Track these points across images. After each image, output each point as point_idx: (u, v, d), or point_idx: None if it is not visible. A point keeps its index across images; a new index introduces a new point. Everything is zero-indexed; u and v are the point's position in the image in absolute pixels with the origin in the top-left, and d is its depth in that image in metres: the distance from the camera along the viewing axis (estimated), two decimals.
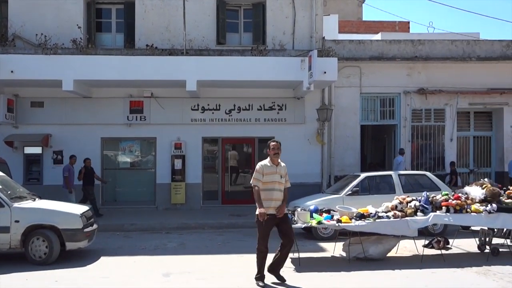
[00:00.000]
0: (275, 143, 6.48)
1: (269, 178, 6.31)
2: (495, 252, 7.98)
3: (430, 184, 10.40)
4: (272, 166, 6.42)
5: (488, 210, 7.75)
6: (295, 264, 7.56)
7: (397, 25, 25.64)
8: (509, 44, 14.56)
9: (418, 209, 7.81)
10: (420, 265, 7.44)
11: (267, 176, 6.31)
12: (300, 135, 13.85)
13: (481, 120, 14.97)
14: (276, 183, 6.34)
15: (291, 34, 13.99)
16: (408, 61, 14.13)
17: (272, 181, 6.31)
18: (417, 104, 14.19)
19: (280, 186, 6.38)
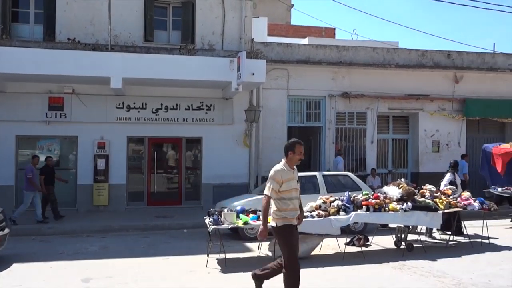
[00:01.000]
0: (303, 145, 5.48)
1: (288, 186, 5.27)
2: (409, 248, 8.47)
3: (352, 184, 10.83)
4: (289, 171, 5.35)
5: (404, 208, 8.22)
6: (221, 265, 7.53)
7: (324, 30, 26.53)
8: (424, 53, 15.56)
9: (341, 209, 8.10)
10: (342, 262, 7.70)
11: (286, 183, 5.26)
12: (228, 135, 13.86)
13: (399, 124, 15.87)
14: (294, 190, 5.35)
15: (221, 35, 13.97)
16: (333, 65, 14.64)
17: (290, 188, 5.30)
18: (341, 107, 14.74)
19: (297, 192, 5.44)
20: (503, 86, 15.97)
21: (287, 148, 5.42)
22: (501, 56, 16.48)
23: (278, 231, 5.28)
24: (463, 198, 9.03)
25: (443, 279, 6.65)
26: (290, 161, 5.38)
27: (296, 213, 5.35)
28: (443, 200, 8.77)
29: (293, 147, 5.36)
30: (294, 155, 5.35)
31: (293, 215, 5.32)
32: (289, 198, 5.29)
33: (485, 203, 9.13)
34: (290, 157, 5.36)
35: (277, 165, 5.41)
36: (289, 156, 5.37)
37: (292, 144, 5.41)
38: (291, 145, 5.40)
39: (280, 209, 5.26)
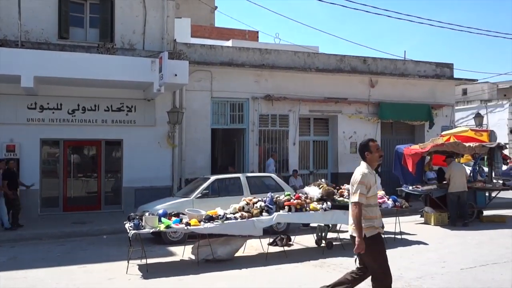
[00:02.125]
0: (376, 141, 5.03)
1: (373, 191, 4.79)
2: (329, 246, 8.77)
3: (275, 185, 11.01)
4: (372, 174, 4.83)
5: (324, 208, 8.50)
6: (142, 271, 7.30)
7: (247, 33, 26.81)
8: (342, 58, 16.26)
9: (264, 209, 8.19)
10: (265, 262, 7.79)
11: (372, 188, 4.76)
12: (151, 137, 13.50)
13: (319, 126, 16.41)
14: (375, 195, 4.93)
15: (142, 34, 13.59)
16: (256, 68, 14.82)
17: (375, 194, 4.87)
18: (264, 109, 14.95)
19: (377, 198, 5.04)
20: (413, 91, 17.11)
21: (361, 149, 4.92)
22: (411, 63, 17.65)
23: (368, 242, 4.69)
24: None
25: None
26: (371, 162, 4.89)
27: (378, 221, 4.85)
28: None
29: (368, 147, 4.87)
30: (372, 154, 4.87)
31: (380, 224, 4.87)
32: (375, 205, 4.86)
33: (397, 201, 9.69)
34: (369, 157, 4.87)
35: (361, 168, 4.85)
36: (368, 157, 4.87)
37: (365, 144, 4.92)
38: (365, 145, 4.91)
39: (368, 217, 4.72)
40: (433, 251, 8.61)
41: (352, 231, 4.84)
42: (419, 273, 6.95)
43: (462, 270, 7.12)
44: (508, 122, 28.13)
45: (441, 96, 17.76)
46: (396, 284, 6.41)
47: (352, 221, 4.78)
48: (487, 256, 8.04)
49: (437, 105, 17.52)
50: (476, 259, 7.83)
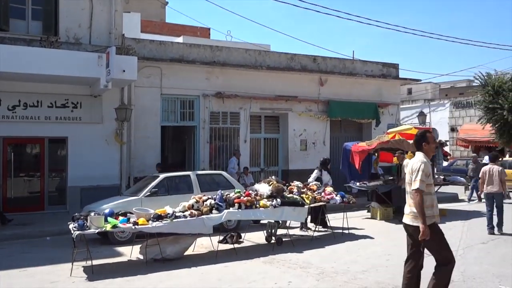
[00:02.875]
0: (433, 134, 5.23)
1: (431, 180, 4.96)
2: (279, 242, 8.86)
3: (226, 182, 10.98)
4: (429, 163, 5.01)
5: (274, 204, 8.57)
6: (87, 273, 7.07)
7: (199, 30, 26.60)
8: (292, 57, 16.45)
9: (213, 207, 8.15)
10: (215, 260, 7.76)
11: (430, 177, 4.93)
12: (97, 135, 13.08)
13: (270, 124, 16.53)
14: (432, 184, 5.09)
15: (88, 28, 13.13)
16: (207, 65, 14.71)
17: (431, 182, 5.00)
18: (215, 107, 14.87)
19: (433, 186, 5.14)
20: (361, 90, 17.58)
21: (419, 140, 5.08)
22: (359, 63, 18.13)
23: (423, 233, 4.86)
24: (326, 192, 9.72)
25: (308, 269, 7.07)
26: (428, 152, 5.04)
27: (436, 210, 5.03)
28: (309, 196, 9.34)
29: (425, 138, 5.03)
30: (429, 145, 5.04)
31: (437, 212, 5.02)
32: (433, 193, 5.01)
33: (345, 197, 9.94)
34: (426, 148, 5.03)
35: (419, 157, 4.98)
36: (425, 148, 5.02)
37: (423, 135, 5.08)
38: (422, 136, 5.07)
39: (428, 206, 4.87)
40: (378, 244, 8.90)
41: (410, 220, 4.98)
42: (365, 267, 7.16)
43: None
44: (449, 120, 29.55)
45: (387, 95, 18.37)
46: (342, 277, 6.60)
47: (410, 209, 4.96)
48: None
49: (384, 104, 18.10)
50: None
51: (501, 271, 6.73)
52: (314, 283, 6.41)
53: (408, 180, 5.00)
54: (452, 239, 9.17)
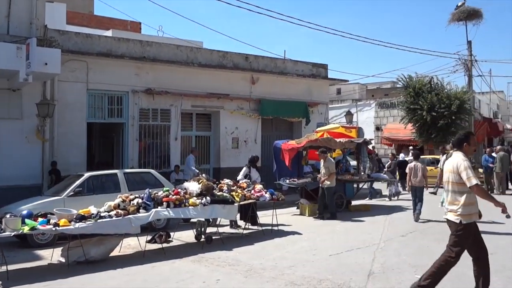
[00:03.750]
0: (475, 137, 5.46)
1: None
2: (209, 240, 8.82)
3: (155, 181, 10.75)
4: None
5: (203, 202, 8.52)
6: (2, 279, 6.61)
7: (129, 24, 25.78)
8: (224, 54, 16.43)
9: (141, 206, 7.95)
10: (142, 260, 7.57)
11: None
12: (16, 131, 12.26)
13: (202, 121, 16.40)
14: None
15: (6, 17, 12.24)
16: (137, 61, 14.30)
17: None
18: (144, 103, 14.49)
19: None
20: (292, 89, 17.94)
21: (461, 140, 5.30)
22: (290, 63, 18.48)
23: (463, 228, 5.09)
24: (256, 190, 9.81)
25: (237, 267, 7.10)
26: (467, 152, 5.25)
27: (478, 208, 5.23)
28: (239, 193, 9.38)
29: (468, 139, 5.28)
30: (470, 147, 5.27)
31: (477, 210, 5.23)
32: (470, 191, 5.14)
33: (274, 194, 10.08)
34: (466, 149, 5.25)
35: (460, 156, 5.18)
36: (465, 148, 5.25)
37: (467, 136, 5.33)
38: (466, 137, 5.31)
39: (469, 203, 5.09)
40: (306, 240, 9.13)
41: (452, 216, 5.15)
42: (292, 262, 7.31)
43: (330, 256, 7.65)
44: (374, 120, 30.95)
45: (317, 94, 18.90)
46: (270, 273, 6.69)
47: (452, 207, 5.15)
48: (352, 242, 8.74)
49: (313, 103, 18.60)
50: (343, 245, 8.47)
51: (417, 261, 7.14)
52: (242, 280, 6.44)
53: (453, 179, 5.18)
54: (375, 232, 9.70)
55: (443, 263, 5.19)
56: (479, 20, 24.77)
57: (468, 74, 24.69)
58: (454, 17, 25.02)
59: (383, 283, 6.12)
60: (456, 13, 24.90)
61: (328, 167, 11.62)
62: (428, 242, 8.60)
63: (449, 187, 5.25)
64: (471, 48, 24.73)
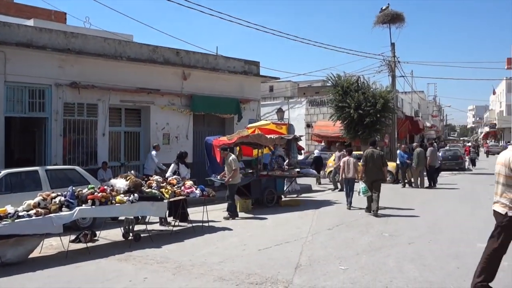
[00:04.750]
0: None
1: None
2: (137, 238, 8.61)
3: (80, 178, 10.30)
4: None
5: (131, 200, 8.29)
6: None
7: (53, 14, 24.51)
8: (155, 49, 16.07)
9: (64, 205, 7.59)
10: (65, 261, 7.25)
11: None
12: None
13: (131, 117, 15.92)
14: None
15: None
16: (61, 52, 13.58)
17: None
18: (69, 97, 13.81)
19: None
20: (223, 86, 17.93)
21: None
22: (222, 59, 18.46)
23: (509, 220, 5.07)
24: (186, 186, 9.71)
25: (166, 264, 6.99)
26: None
27: None
28: (168, 190, 9.24)
29: None
30: None
31: None
32: None
33: (205, 190, 10.03)
34: None
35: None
36: None
37: None
38: None
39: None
40: (236, 235, 9.18)
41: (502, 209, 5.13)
42: (221, 258, 7.32)
43: (259, 251, 7.76)
44: (305, 117, 31.78)
45: (249, 91, 19.04)
46: (199, 270, 6.67)
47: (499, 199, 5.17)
48: (281, 236, 8.92)
49: (245, 100, 18.72)
50: (272, 239, 8.62)
51: (342, 253, 7.43)
52: (171, 278, 6.36)
53: (504, 172, 5.16)
54: (303, 226, 9.96)
55: (489, 256, 5.26)
56: (401, 24, 26.13)
57: (391, 75, 25.96)
58: (379, 20, 26.20)
59: (309, 275, 6.30)
60: (380, 16, 26.09)
61: (229, 165, 11.36)
62: (353, 235, 8.97)
63: (500, 179, 5.24)
64: (395, 50, 26.05)
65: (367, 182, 11.47)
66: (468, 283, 5.84)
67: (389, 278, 6.09)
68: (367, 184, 11.42)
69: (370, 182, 11.44)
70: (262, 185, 13.10)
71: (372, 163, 11.50)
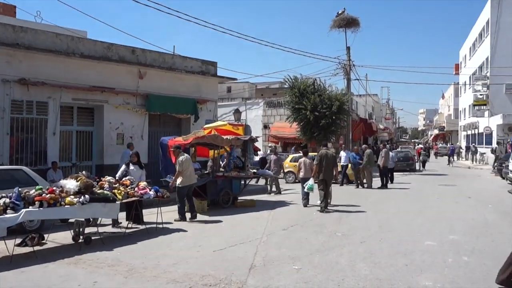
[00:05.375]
0: None
1: None
2: (87, 241, 8.35)
3: (27, 179, 9.87)
4: None
5: (81, 201, 8.03)
6: None
7: (2, 7, 23.50)
8: (110, 46, 15.68)
9: (9, 206, 7.26)
10: (10, 266, 6.92)
11: None
12: None
13: (84, 116, 15.45)
14: None
15: None
16: (9, 47, 13.00)
17: None
18: (17, 94, 13.24)
19: None
20: (180, 86, 17.74)
21: None
22: (179, 58, 18.26)
23: None
24: (140, 187, 9.52)
25: (117, 267, 6.82)
26: None
27: None
28: (121, 191, 9.02)
29: None
30: None
31: None
32: None
33: (159, 191, 9.86)
34: None
35: None
36: None
37: None
38: None
39: None
40: (190, 237, 9.08)
41: None
42: (175, 259, 7.21)
43: (214, 252, 7.71)
44: (262, 118, 31.93)
45: (206, 91, 18.92)
46: (151, 272, 6.55)
47: None
48: (236, 237, 8.90)
49: (202, 100, 18.60)
50: (228, 240, 8.58)
51: (296, 253, 7.51)
52: (122, 281, 6.20)
53: None
54: (259, 227, 9.99)
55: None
56: (357, 28, 26.83)
57: (347, 78, 26.58)
58: (335, 24, 26.78)
59: (263, 275, 6.32)
60: (336, 20, 26.67)
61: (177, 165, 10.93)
62: (307, 235, 9.08)
63: None
64: (350, 54, 26.68)
65: (320, 180, 12.31)
66: (415, 279, 6.06)
67: (341, 276, 6.20)
68: (321, 182, 12.27)
69: (323, 180, 12.26)
70: (218, 186, 13.05)
71: (326, 163, 12.29)
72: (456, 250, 7.66)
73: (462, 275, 6.26)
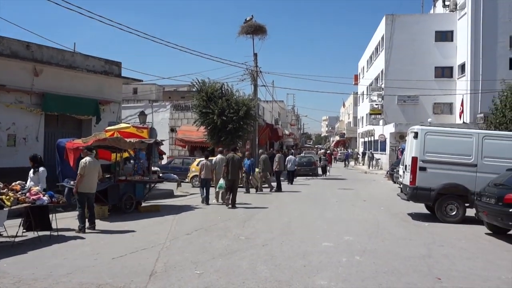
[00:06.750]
0: None
1: None
2: None
3: None
4: None
5: None
6: None
7: None
8: (0, 40, 14.41)
9: None
10: None
11: None
12: None
13: None
14: None
15: None
16: None
17: None
18: None
19: None
20: (81, 85, 16.83)
21: None
22: (80, 56, 17.31)
23: None
24: (32, 193, 8.85)
25: (2, 280, 6.26)
26: None
27: None
28: (10, 197, 8.32)
29: None
30: None
31: None
32: None
33: (54, 197, 9.25)
34: None
35: None
36: None
37: None
38: None
39: None
40: (88, 244, 8.63)
41: None
42: (70, 269, 6.80)
43: (113, 259, 7.40)
44: (169, 121, 31.41)
45: (109, 92, 18.16)
46: (42, 284, 6.14)
47: None
48: (138, 243, 8.63)
49: (105, 101, 17.82)
50: (128, 247, 8.29)
51: (199, 258, 7.47)
52: None
53: None
54: (162, 232, 9.81)
55: None
56: (264, 36, 27.44)
57: (254, 84, 27.06)
58: (243, 30, 27.17)
59: (164, 281, 6.20)
60: (244, 26, 27.08)
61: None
62: (211, 239, 9.08)
63: None
64: (257, 60, 27.22)
65: (228, 180, 13.85)
66: (311, 279, 6.33)
67: (242, 279, 6.28)
68: (229, 183, 13.83)
69: (230, 180, 13.83)
70: (121, 190, 12.57)
71: (232, 165, 13.90)
72: (350, 250, 8.15)
73: (354, 274, 6.67)
